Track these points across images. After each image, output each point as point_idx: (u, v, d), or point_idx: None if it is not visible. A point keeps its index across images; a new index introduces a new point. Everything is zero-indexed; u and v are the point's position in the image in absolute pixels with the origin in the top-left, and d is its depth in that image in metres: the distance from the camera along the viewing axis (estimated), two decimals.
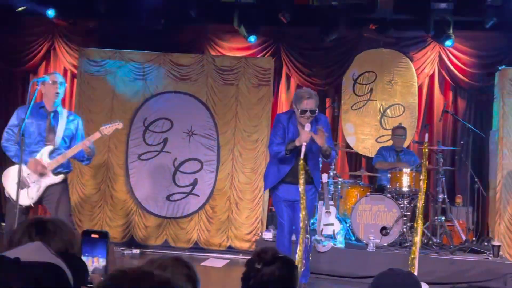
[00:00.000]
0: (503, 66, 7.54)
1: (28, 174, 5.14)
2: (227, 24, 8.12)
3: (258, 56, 8.35)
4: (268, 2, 7.62)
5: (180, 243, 7.66)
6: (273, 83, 8.02)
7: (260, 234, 7.39)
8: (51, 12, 8.05)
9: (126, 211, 7.79)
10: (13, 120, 5.26)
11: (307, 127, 5.11)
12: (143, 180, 7.81)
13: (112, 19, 8.23)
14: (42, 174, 5.19)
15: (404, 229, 6.88)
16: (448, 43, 7.74)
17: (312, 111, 5.17)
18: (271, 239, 6.95)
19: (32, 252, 1.25)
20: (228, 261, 7.17)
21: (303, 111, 5.17)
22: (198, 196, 7.76)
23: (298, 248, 5.03)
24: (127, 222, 7.77)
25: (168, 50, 8.10)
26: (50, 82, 5.29)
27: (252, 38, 8.00)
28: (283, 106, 8.65)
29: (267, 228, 7.50)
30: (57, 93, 5.28)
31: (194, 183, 7.78)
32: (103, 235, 2.27)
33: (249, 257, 2.53)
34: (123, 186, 7.82)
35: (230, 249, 7.59)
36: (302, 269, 5.21)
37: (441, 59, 8.33)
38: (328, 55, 8.52)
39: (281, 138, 5.30)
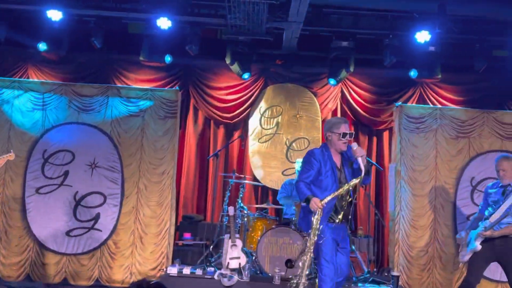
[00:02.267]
0: (400, 103, 7.93)
1: None
2: (134, 55, 8.02)
3: (166, 88, 8.27)
4: (176, 33, 7.61)
5: (80, 281, 7.32)
6: (180, 115, 7.95)
7: (164, 269, 7.21)
8: None
9: (21, 248, 7.36)
10: None
11: (355, 145, 5.05)
12: (41, 215, 7.41)
13: (11, 46, 7.90)
14: None
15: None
16: (342, 74, 8.03)
17: (351, 134, 5.16)
18: (175, 274, 6.79)
19: None
20: None
21: (345, 134, 5.10)
22: (101, 231, 7.48)
23: None
24: (23, 260, 7.32)
25: (70, 80, 7.86)
26: None
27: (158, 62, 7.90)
28: (190, 138, 8.60)
29: (172, 263, 7.34)
30: None
31: (96, 218, 7.50)
32: None
33: None
34: (19, 222, 7.39)
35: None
36: None
37: (343, 95, 8.65)
38: (236, 89, 8.61)
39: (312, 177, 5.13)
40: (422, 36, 7.36)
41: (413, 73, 7.97)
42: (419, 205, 7.49)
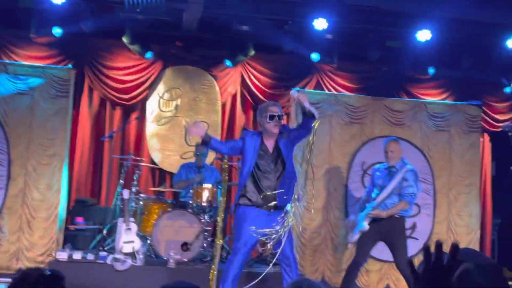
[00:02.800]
0: (297, 89, 8.06)
1: None
2: (24, 30, 7.58)
3: (59, 66, 7.89)
4: (70, 9, 7.26)
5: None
6: (74, 95, 7.63)
7: (53, 255, 6.92)
8: None
9: None
10: None
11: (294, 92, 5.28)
12: None
13: None
14: None
15: (205, 244, 6.96)
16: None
17: (280, 116, 5.32)
18: (65, 259, 6.54)
19: None
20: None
21: (271, 116, 5.26)
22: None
23: None
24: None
25: None
26: None
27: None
28: (84, 120, 8.28)
29: (63, 248, 7.07)
30: None
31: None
32: None
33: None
34: None
35: None
36: None
37: (243, 79, 8.67)
38: (134, 69, 8.38)
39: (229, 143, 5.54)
40: (320, 24, 7.51)
41: (315, 56, 8.12)
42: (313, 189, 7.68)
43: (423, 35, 7.67)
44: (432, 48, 7.96)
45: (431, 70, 8.33)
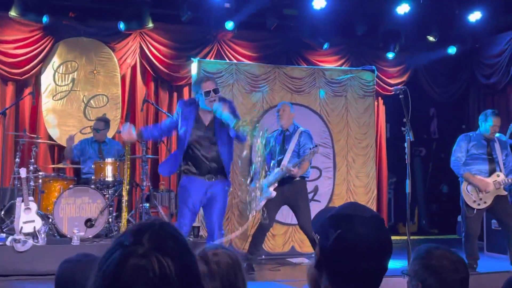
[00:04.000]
0: (198, 58, 8.04)
1: None
2: None
3: None
4: None
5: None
6: None
7: None
8: None
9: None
10: None
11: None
12: None
13: None
14: None
15: (110, 219, 6.86)
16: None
17: (216, 90, 5.21)
18: None
19: None
20: None
21: (207, 93, 5.15)
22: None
23: None
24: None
25: None
26: None
27: None
28: None
29: None
30: None
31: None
32: None
33: None
34: None
35: None
36: None
37: (142, 50, 8.49)
38: (25, 42, 7.97)
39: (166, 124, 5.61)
40: None
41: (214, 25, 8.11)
42: None
43: (319, 3, 7.86)
44: (327, 16, 8.18)
45: (325, 46, 8.60)
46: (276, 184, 6.46)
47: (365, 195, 8.26)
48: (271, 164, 6.56)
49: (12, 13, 7.40)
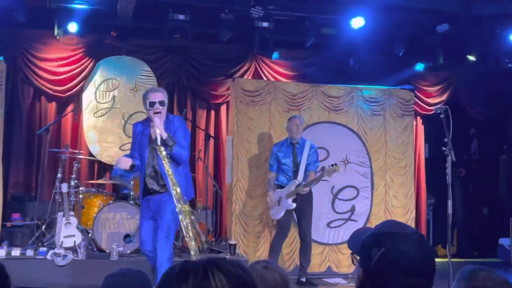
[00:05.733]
0: (236, 77, 8.12)
1: None
2: None
3: None
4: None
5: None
6: (5, 88, 7.39)
7: None
8: None
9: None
10: None
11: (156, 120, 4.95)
12: None
13: None
14: None
15: None
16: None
17: (161, 102, 5.01)
18: (3, 257, 6.35)
19: None
20: None
21: (151, 103, 5.00)
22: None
23: None
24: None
25: None
26: None
27: None
28: (19, 113, 8.03)
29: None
30: None
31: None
32: None
33: None
34: None
35: None
36: None
37: (181, 68, 8.61)
38: (67, 60, 8.19)
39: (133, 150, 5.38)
40: (256, 12, 7.55)
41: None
42: (255, 176, 7.77)
43: (357, 22, 7.85)
44: (365, 35, 8.16)
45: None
46: (295, 196, 6.62)
47: (404, 216, 8.14)
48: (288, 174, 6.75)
49: (56, 32, 7.60)
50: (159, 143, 4.87)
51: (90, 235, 6.90)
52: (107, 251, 6.66)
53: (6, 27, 7.65)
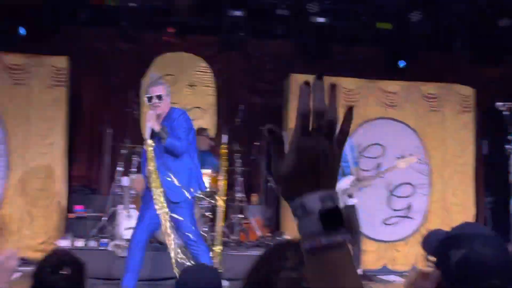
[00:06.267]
0: (293, 74, 8.12)
1: None
2: None
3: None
4: (62, 2, 7.27)
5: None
6: (69, 84, 7.65)
7: (55, 243, 6.98)
8: None
9: None
10: None
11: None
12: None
13: None
14: None
15: (205, 229, 7.03)
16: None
17: (159, 96, 4.89)
18: (68, 247, 6.60)
19: None
20: None
21: (149, 98, 4.92)
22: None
23: None
24: None
25: None
26: None
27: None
28: (82, 108, 8.32)
29: (64, 236, 7.13)
30: None
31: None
32: None
33: None
34: None
35: None
36: None
37: (238, 64, 8.71)
38: (127, 57, 8.39)
39: None
40: (313, 7, 7.54)
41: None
42: None
43: (415, 17, 7.73)
44: (423, 30, 8.03)
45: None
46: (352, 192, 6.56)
47: (462, 214, 7.98)
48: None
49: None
50: (147, 136, 4.80)
51: None
52: (165, 243, 6.79)
53: (70, 25, 7.91)
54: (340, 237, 0.93)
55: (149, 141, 4.80)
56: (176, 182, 4.94)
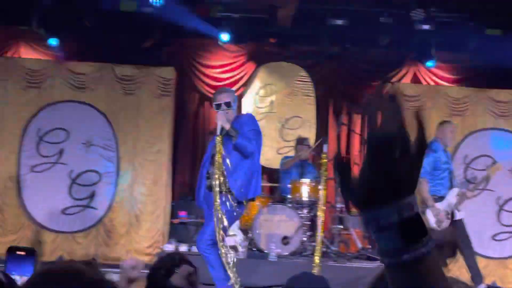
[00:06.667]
0: (392, 82, 7.95)
1: None
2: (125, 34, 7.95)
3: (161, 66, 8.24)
4: (169, 11, 7.55)
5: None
6: (175, 94, 7.94)
7: (161, 247, 7.24)
8: None
9: (17, 226, 7.35)
10: None
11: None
12: (36, 193, 7.41)
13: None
14: None
15: (304, 238, 7.02)
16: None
17: (227, 104, 4.96)
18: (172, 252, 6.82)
19: None
20: None
21: (217, 106, 5.00)
22: (96, 209, 7.51)
23: None
24: (18, 238, 7.32)
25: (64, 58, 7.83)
26: None
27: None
28: (186, 117, 8.60)
29: (168, 241, 7.38)
30: None
31: (92, 196, 7.54)
32: (30, 252, 2.09)
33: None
34: (14, 200, 7.38)
35: None
36: None
37: (337, 73, 8.64)
38: (230, 67, 8.59)
39: None
40: (417, 15, 7.35)
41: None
42: None
43: None
44: None
45: None
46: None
47: None
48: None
49: (221, 40, 8.02)
50: (218, 132, 4.83)
51: (249, 235, 7.16)
52: (265, 251, 6.86)
53: (176, 37, 8.22)
54: (424, 248, 0.85)
55: (219, 138, 4.83)
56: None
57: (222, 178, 4.79)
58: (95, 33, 8.12)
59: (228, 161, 4.87)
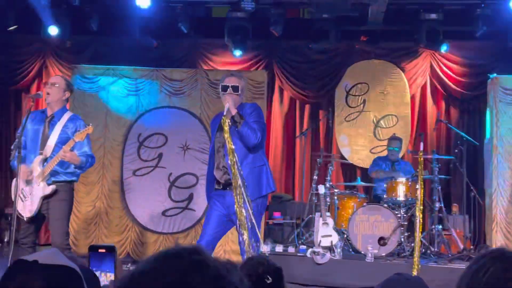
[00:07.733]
0: (494, 75, 7.60)
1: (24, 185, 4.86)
2: (219, 38, 8.14)
3: (251, 69, 8.37)
4: (259, 15, 7.66)
5: None
6: (266, 96, 8.03)
7: None
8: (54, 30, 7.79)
9: (121, 227, 7.73)
10: (18, 131, 4.93)
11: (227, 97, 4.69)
12: (138, 196, 7.76)
13: (104, 36, 8.25)
14: (28, 182, 4.86)
15: (402, 239, 6.86)
16: (443, 47, 7.79)
17: (234, 87, 4.71)
18: (268, 252, 6.88)
19: (49, 256, 1.24)
20: None
21: (224, 87, 4.74)
22: (194, 211, 7.73)
23: None
24: (123, 239, 7.70)
25: (161, 65, 8.12)
26: (44, 86, 5.09)
27: (238, 53, 8.02)
28: (277, 119, 8.66)
29: (264, 241, 7.45)
30: (48, 93, 4.94)
31: (190, 198, 7.77)
32: (110, 249, 2.22)
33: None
34: (118, 203, 7.77)
35: None
36: None
37: (432, 69, 8.39)
38: (320, 68, 8.57)
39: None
40: None
41: None
42: None
43: None
44: None
45: None
46: None
47: None
48: None
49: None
50: (225, 113, 4.56)
51: (345, 235, 7.09)
52: (362, 252, 6.77)
53: (265, 41, 8.32)
54: None
55: (228, 120, 4.53)
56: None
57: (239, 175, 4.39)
58: (188, 40, 8.41)
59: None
